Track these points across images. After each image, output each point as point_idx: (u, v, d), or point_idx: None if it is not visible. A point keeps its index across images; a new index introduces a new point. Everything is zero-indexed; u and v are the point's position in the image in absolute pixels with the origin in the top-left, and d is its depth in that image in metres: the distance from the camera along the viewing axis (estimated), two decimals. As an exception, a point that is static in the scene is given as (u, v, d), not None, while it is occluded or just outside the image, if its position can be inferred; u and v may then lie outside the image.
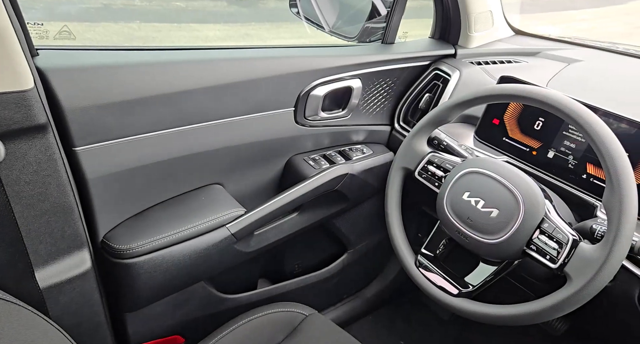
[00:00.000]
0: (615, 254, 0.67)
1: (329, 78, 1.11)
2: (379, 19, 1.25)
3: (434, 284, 0.86)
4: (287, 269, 1.31)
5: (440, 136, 1.04)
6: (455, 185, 0.86)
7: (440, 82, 1.25)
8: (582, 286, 0.68)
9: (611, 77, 1.17)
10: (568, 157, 0.96)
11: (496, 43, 1.39)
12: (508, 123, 1.07)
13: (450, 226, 0.85)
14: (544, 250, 0.75)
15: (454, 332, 1.56)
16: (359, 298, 1.50)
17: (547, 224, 0.76)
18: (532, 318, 0.73)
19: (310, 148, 1.18)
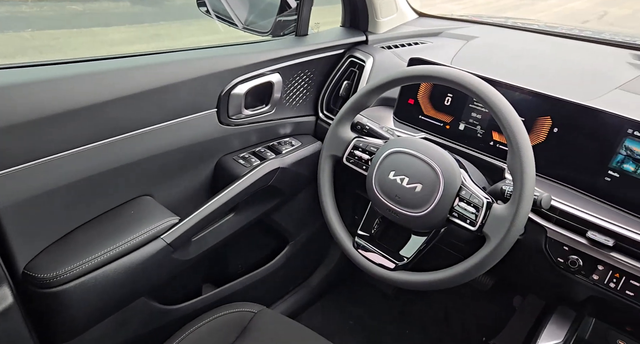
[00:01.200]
0: (521, 211, 0.75)
1: (249, 75, 1.11)
2: (290, 12, 1.27)
3: (372, 262, 0.91)
4: (231, 270, 1.31)
5: (362, 121, 1.09)
6: (380, 166, 0.92)
7: (357, 68, 1.30)
8: (499, 243, 0.76)
9: (504, 50, 1.29)
10: (476, 127, 1.06)
11: (402, 27, 1.47)
12: (422, 102, 1.15)
13: (381, 205, 0.91)
14: (464, 215, 0.82)
15: (399, 305, 1.65)
16: (306, 287, 1.54)
17: (465, 192, 0.83)
18: (461, 278, 0.80)
19: (239, 147, 1.18)
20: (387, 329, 1.57)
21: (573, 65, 1.18)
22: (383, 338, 1.54)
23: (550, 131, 0.96)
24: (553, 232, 0.88)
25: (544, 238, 0.89)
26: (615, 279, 0.81)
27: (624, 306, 0.83)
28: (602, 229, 0.83)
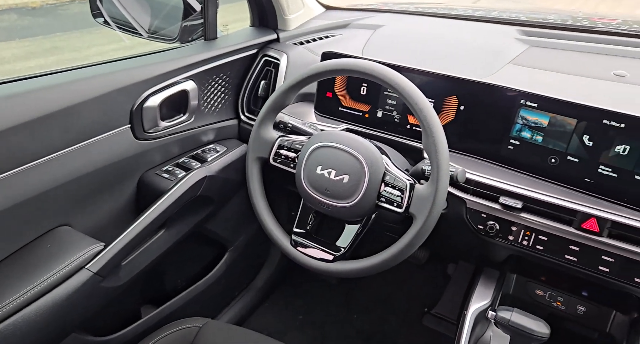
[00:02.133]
0: (441, 187, 0.81)
1: (160, 86, 1.07)
2: (195, 16, 1.23)
3: (311, 257, 0.93)
4: (170, 287, 1.27)
5: (284, 119, 1.10)
6: (307, 162, 0.93)
7: (272, 67, 1.30)
8: (425, 221, 0.82)
9: (408, 36, 1.36)
10: (393, 113, 1.11)
11: (312, 21, 1.49)
12: (339, 94, 1.18)
13: (313, 200, 0.93)
14: (391, 199, 0.87)
15: (344, 292, 1.70)
16: (251, 290, 1.54)
17: (389, 176, 0.88)
18: (395, 259, 0.85)
19: (161, 160, 1.13)
20: (335, 318, 1.61)
21: (470, 45, 1.27)
22: (332, 327, 1.58)
23: (458, 109, 1.03)
24: (472, 203, 0.96)
25: (464, 209, 0.97)
26: (527, 237, 0.91)
27: (537, 259, 0.93)
28: (511, 193, 0.92)
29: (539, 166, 0.94)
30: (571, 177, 0.90)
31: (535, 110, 0.94)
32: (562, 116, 0.90)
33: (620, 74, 1.07)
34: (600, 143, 0.86)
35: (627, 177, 0.83)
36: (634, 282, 0.81)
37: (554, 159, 0.92)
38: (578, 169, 0.89)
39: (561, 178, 0.91)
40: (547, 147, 0.93)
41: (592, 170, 0.87)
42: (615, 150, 0.85)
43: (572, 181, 0.90)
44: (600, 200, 0.86)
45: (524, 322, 0.76)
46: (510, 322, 0.76)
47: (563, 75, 1.11)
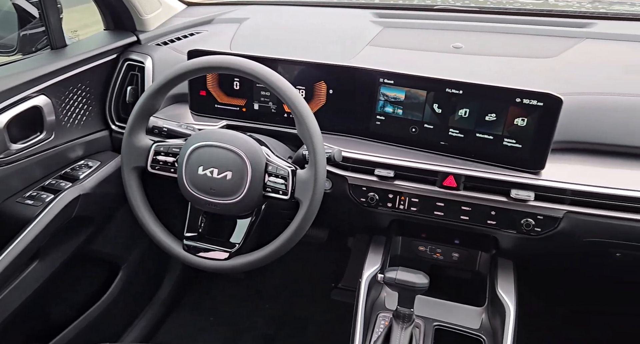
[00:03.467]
0: (319, 170, 0.86)
1: (4, 104, 0.96)
2: (35, 24, 1.12)
3: (207, 258, 0.93)
4: (58, 319, 1.17)
5: (158, 124, 1.06)
6: (187, 164, 0.92)
7: (137, 71, 1.23)
8: (309, 203, 0.86)
9: (273, 27, 1.39)
10: (269, 104, 1.13)
11: (173, 20, 1.44)
12: (213, 91, 1.17)
13: (199, 201, 0.92)
14: (276, 188, 0.90)
15: (252, 285, 1.72)
16: (156, 303, 1.48)
17: (271, 167, 0.91)
18: (288, 243, 0.88)
19: (21, 186, 1.02)
20: (246, 311, 1.63)
21: (331, 31, 1.35)
22: (244, 320, 1.60)
23: (328, 94, 1.09)
24: (352, 179, 1.04)
25: (347, 186, 1.04)
26: (402, 202, 1.01)
27: (414, 219, 1.04)
28: (384, 165, 1.01)
29: (403, 137, 1.04)
30: (429, 143, 1.01)
31: (392, 86, 1.03)
32: (415, 89, 1.01)
33: (457, 46, 1.22)
34: (447, 109, 0.98)
35: (471, 136, 0.97)
36: (487, 224, 0.95)
37: (414, 129, 1.03)
38: (434, 134, 1.01)
39: (422, 144, 1.02)
40: (407, 118, 1.03)
41: (445, 134, 1.00)
42: (458, 114, 0.97)
43: (430, 146, 1.01)
44: (454, 159, 0.99)
45: (407, 277, 0.85)
46: (396, 280, 0.85)
47: (412, 52, 1.23)
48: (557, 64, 1.09)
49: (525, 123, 0.92)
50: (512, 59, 1.16)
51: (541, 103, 0.89)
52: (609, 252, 0.94)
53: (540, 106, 0.89)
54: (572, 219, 0.90)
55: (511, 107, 0.92)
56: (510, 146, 0.94)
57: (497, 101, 0.93)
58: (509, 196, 0.92)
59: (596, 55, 1.12)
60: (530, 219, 0.92)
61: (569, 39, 1.19)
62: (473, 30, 1.31)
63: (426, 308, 0.98)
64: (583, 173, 0.92)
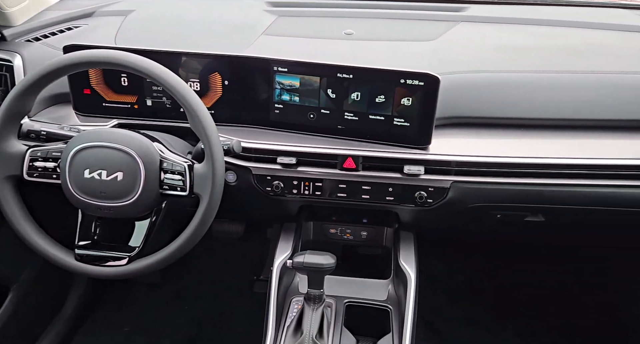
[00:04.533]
0: (217, 163, 0.84)
1: None
2: None
3: (104, 266, 0.87)
4: None
5: (34, 127, 0.96)
6: (71, 169, 0.85)
7: (5, 71, 1.11)
8: (210, 197, 0.85)
9: (164, 19, 1.32)
10: (162, 99, 1.08)
11: (45, 13, 1.31)
12: (99, 89, 1.09)
13: (89, 207, 0.86)
14: (174, 185, 0.87)
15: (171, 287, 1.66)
16: (59, 321, 1.37)
17: (166, 163, 0.87)
18: (192, 240, 0.86)
19: None
20: (166, 315, 1.57)
21: (224, 21, 1.32)
22: (164, 326, 1.54)
23: (223, 85, 1.07)
24: (256, 169, 1.03)
25: (251, 176, 1.04)
26: (307, 187, 1.03)
27: (321, 203, 1.07)
28: (286, 152, 1.02)
29: (302, 123, 1.06)
30: (328, 127, 1.04)
31: (287, 74, 1.04)
32: (309, 76, 1.03)
33: (348, 32, 1.26)
34: (340, 94, 1.01)
35: (364, 118, 1.01)
36: (386, 200, 1.01)
37: (312, 115, 1.05)
38: (331, 119, 1.04)
39: (321, 129, 1.05)
40: (304, 105, 1.05)
41: (341, 118, 1.03)
42: (351, 97, 1.01)
43: (329, 130, 1.04)
44: (351, 141, 1.03)
45: (314, 260, 0.87)
46: (304, 264, 0.87)
47: (306, 40, 1.25)
48: (437, 46, 1.18)
49: (410, 102, 0.98)
50: (398, 42, 1.22)
51: (422, 83, 0.96)
52: (491, 215, 1.04)
53: (421, 85, 0.96)
54: (458, 188, 0.98)
55: (397, 88, 0.98)
56: (400, 125, 1.00)
57: (384, 83, 0.98)
58: (403, 172, 0.98)
59: (470, 37, 1.22)
60: (422, 191, 0.99)
61: (447, 23, 1.29)
62: (363, 17, 1.37)
63: (337, 287, 1.01)
64: (465, 145, 1.01)
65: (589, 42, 1.17)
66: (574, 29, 1.22)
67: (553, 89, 1.03)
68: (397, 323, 0.92)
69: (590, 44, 1.16)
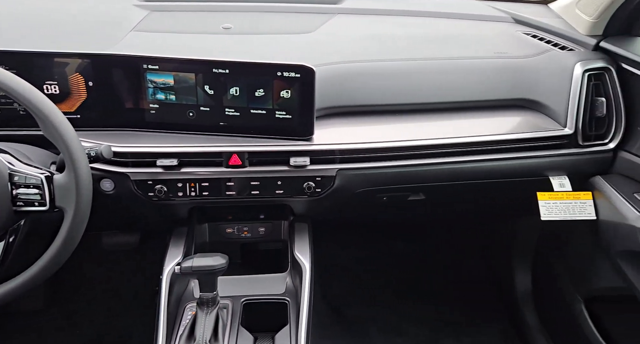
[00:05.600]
0: (80, 171, 0.77)
1: None
2: None
3: None
4: None
5: None
6: None
7: None
8: (75, 210, 0.77)
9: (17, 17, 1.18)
10: (14, 105, 0.96)
11: None
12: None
13: None
14: (30, 200, 0.77)
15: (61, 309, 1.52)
16: None
17: (18, 177, 0.77)
18: (59, 257, 0.78)
19: None
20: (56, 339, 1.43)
21: (87, 17, 1.20)
22: None
23: (88, 87, 0.98)
24: (135, 174, 0.96)
25: (131, 183, 0.96)
26: (193, 188, 0.99)
27: (211, 203, 1.03)
28: (166, 154, 0.96)
29: (182, 122, 1.01)
30: (209, 125, 1.01)
31: (159, 72, 0.98)
32: (183, 73, 0.98)
33: (226, 27, 1.23)
34: (219, 90, 0.98)
35: (246, 113, 1.00)
36: (277, 194, 1.01)
37: (191, 113, 1.01)
38: (211, 116, 1.00)
39: (202, 128, 1.01)
40: (182, 103, 1.00)
41: (222, 114, 1.00)
42: (230, 93, 0.99)
43: (211, 128, 1.01)
44: (236, 137, 1.01)
45: (203, 263, 0.84)
46: (193, 268, 0.83)
47: (182, 35, 1.19)
48: (315, 38, 1.20)
49: (289, 95, 0.98)
50: (277, 36, 1.22)
51: (298, 75, 0.96)
52: (377, 198, 1.09)
53: (298, 77, 0.97)
54: (344, 176, 1.02)
55: (275, 81, 0.97)
56: (282, 118, 1.00)
57: (262, 76, 0.98)
58: (289, 165, 0.99)
59: (347, 28, 1.26)
60: (310, 182, 1.01)
61: (324, 15, 1.32)
62: (241, 11, 1.34)
63: (234, 287, 0.99)
64: (347, 133, 1.04)
65: (450, 31, 1.27)
66: (436, 19, 1.33)
67: (420, 75, 1.10)
68: (295, 314, 0.93)
69: (450, 32, 1.26)
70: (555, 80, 1.09)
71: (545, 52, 1.16)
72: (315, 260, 1.06)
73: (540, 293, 1.44)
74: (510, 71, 1.14)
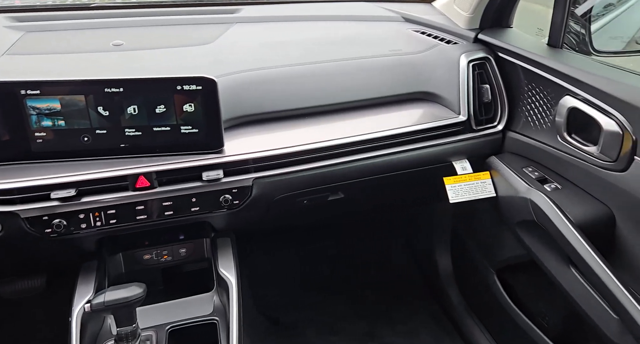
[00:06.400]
0: None
1: None
2: None
3: None
4: None
5: None
6: None
7: None
8: None
9: None
10: None
11: None
12: None
13: None
14: None
15: None
16: None
17: None
18: None
19: None
20: None
21: None
22: None
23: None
24: (26, 211, 0.87)
25: (21, 222, 0.87)
26: (98, 218, 0.91)
27: (122, 231, 0.96)
28: (61, 185, 0.88)
29: (76, 149, 0.93)
30: (108, 148, 0.94)
31: (41, 97, 0.89)
32: (70, 96, 0.90)
33: (117, 43, 1.16)
34: (114, 110, 0.92)
35: (149, 132, 0.94)
36: (193, 212, 0.97)
37: (86, 138, 0.93)
38: (110, 138, 0.93)
39: (100, 152, 0.94)
40: (73, 128, 0.92)
41: (121, 135, 0.94)
42: (128, 112, 0.93)
43: (110, 151, 0.94)
44: (140, 158, 0.95)
45: (117, 296, 0.78)
46: (106, 303, 0.77)
47: (66, 56, 1.10)
48: (214, 49, 1.18)
49: (193, 108, 0.95)
50: (174, 49, 1.18)
51: (200, 87, 0.94)
52: (298, 202, 1.10)
53: (199, 89, 0.94)
54: (261, 184, 1.00)
55: (176, 96, 0.94)
56: (188, 133, 0.96)
57: (161, 92, 0.93)
58: (202, 180, 0.95)
59: (245, 37, 1.26)
60: (227, 195, 0.98)
61: (221, 25, 1.30)
62: (133, 26, 1.27)
63: (157, 315, 0.93)
64: (259, 141, 1.03)
65: (346, 33, 1.32)
66: (332, 22, 1.37)
67: (323, 77, 1.13)
68: (225, 333, 0.89)
69: (347, 34, 1.31)
70: (445, 72, 1.18)
71: (434, 47, 1.25)
72: (244, 272, 1.03)
73: (460, 271, 1.54)
74: (405, 67, 1.20)
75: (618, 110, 0.91)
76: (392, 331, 1.52)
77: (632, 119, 0.89)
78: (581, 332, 1.10)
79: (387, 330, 1.52)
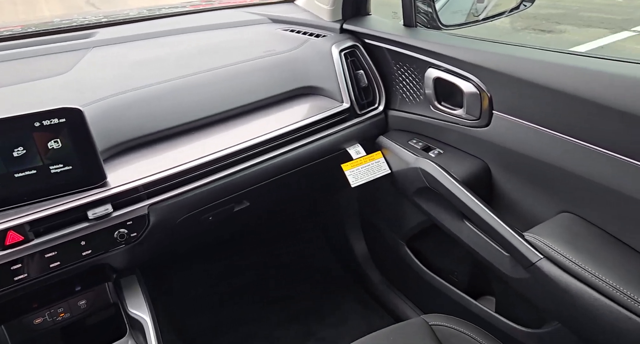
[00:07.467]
0: None
1: None
2: None
3: None
4: None
5: None
6: None
7: None
8: None
9: None
10: None
11: None
12: None
13: None
14: None
15: None
16: None
17: None
18: None
19: None
20: None
21: None
22: None
23: None
24: None
25: None
26: None
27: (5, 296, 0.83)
28: None
29: None
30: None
31: None
32: None
33: None
34: None
35: (9, 181, 0.82)
36: (85, 257, 0.87)
37: None
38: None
39: None
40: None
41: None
42: None
43: None
44: (6, 211, 0.82)
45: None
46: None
47: None
48: (73, 77, 1.07)
49: (60, 144, 0.85)
50: (25, 85, 1.05)
51: (63, 119, 0.84)
52: (203, 219, 1.05)
53: (64, 122, 0.84)
54: (158, 209, 0.94)
55: (35, 134, 0.83)
56: (61, 172, 0.86)
57: (15, 132, 0.82)
58: (89, 219, 0.86)
59: (107, 60, 1.17)
60: (122, 229, 0.90)
61: (78, 52, 1.19)
62: None
63: None
64: (147, 166, 0.96)
65: (216, 41, 1.29)
66: (199, 33, 1.33)
67: (201, 88, 1.09)
68: None
69: (217, 43, 1.28)
70: (321, 65, 1.22)
71: (305, 43, 1.28)
72: (164, 305, 0.95)
73: (375, 251, 1.60)
74: (282, 66, 1.22)
75: (473, 73, 1.01)
76: (323, 325, 1.54)
77: (485, 79, 1.00)
78: (485, 278, 1.22)
79: (319, 325, 1.53)
